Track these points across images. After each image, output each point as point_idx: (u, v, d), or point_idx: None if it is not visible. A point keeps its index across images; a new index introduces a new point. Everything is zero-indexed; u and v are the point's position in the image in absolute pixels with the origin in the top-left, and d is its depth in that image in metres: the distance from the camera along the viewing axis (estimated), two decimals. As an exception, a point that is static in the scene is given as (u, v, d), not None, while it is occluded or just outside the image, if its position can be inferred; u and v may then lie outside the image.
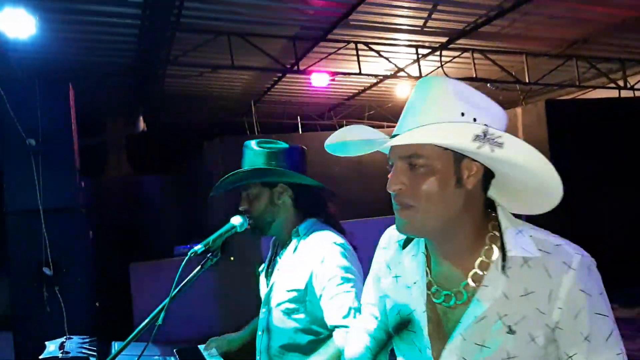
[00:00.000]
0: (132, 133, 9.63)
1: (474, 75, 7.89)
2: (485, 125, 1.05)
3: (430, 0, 6.12)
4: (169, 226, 10.44)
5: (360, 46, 7.29)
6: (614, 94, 8.90)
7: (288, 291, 1.81)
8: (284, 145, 1.95)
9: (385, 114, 10.25)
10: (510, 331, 1.08)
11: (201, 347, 2.39)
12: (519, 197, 1.18)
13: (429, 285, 1.18)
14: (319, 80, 7.96)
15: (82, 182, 4.71)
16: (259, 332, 1.97)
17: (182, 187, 10.95)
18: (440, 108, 1.08)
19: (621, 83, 8.83)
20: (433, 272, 1.19)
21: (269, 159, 1.89)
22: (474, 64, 7.81)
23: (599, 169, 7.77)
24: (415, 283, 1.21)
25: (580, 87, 9.09)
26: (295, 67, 7.43)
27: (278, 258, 1.94)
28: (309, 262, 1.79)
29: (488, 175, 1.14)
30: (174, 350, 2.25)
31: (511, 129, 6.12)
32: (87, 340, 1.83)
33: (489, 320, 1.09)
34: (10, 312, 4.21)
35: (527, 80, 8.21)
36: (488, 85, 9.06)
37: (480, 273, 1.12)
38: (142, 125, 9.37)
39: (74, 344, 1.79)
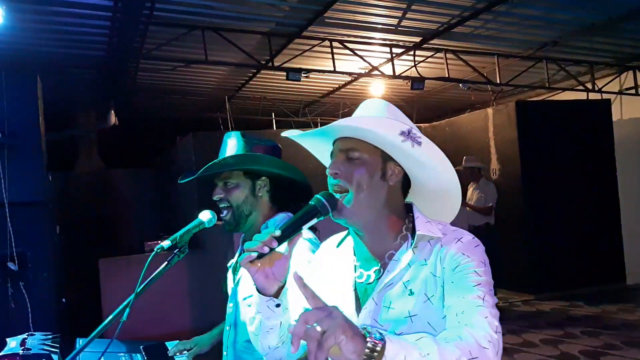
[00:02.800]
0: (104, 127, 9.47)
1: (447, 75, 7.98)
2: (411, 127, 1.28)
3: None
4: (139, 221, 10.34)
5: (335, 44, 7.31)
6: (582, 96, 9.09)
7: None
8: (269, 141, 1.94)
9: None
10: (411, 293, 1.25)
11: (169, 344, 2.37)
12: (429, 204, 1.41)
13: (355, 270, 1.38)
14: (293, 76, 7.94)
15: (50, 175, 4.62)
16: (227, 327, 1.96)
17: (153, 182, 10.85)
18: (376, 112, 1.34)
19: (589, 85, 9.03)
20: (358, 259, 1.39)
21: (256, 150, 1.88)
22: (447, 64, 7.89)
23: (567, 168, 7.94)
24: (344, 270, 1.40)
25: (549, 89, 9.26)
26: (270, 64, 7.41)
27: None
28: None
29: (406, 183, 1.37)
30: (141, 347, 2.23)
31: (482, 129, 6.26)
32: (49, 336, 1.80)
33: (394, 285, 1.28)
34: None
35: (498, 81, 8.33)
36: (460, 85, 9.18)
37: (394, 252, 1.32)
38: (113, 119, 9.22)
39: (36, 340, 1.76)
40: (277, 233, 1.20)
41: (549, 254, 7.76)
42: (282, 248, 1.23)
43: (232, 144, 1.91)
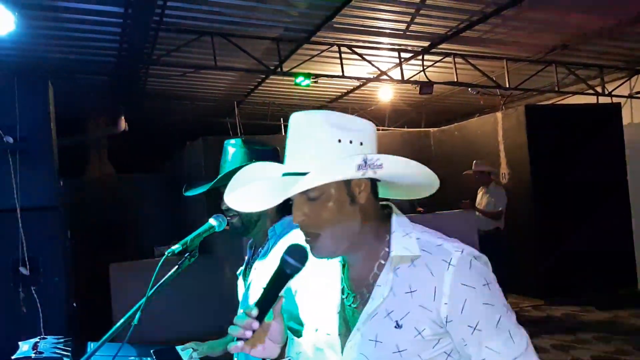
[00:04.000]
0: (114, 133, 9.54)
1: (456, 80, 7.97)
2: (362, 152, 1.16)
3: (413, 4, 6.16)
4: (150, 226, 10.39)
5: (343, 49, 7.33)
6: (592, 100, 9.04)
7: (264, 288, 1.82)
8: (268, 146, 1.95)
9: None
10: (398, 326, 1.17)
11: (179, 347, 2.38)
12: (402, 189, 1.30)
13: (342, 291, 1.29)
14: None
15: (61, 181, 4.66)
16: None
17: (163, 187, 10.89)
18: (318, 142, 1.18)
19: (599, 89, 8.98)
20: (345, 279, 1.29)
21: (257, 156, 1.89)
22: (456, 68, 7.88)
23: (577, 172, 7.89)
24: (331, 290, 1.32)
25: (559, 93, 9.21)
26: (279, 69, 7.44)
27: (256, 258, 1.94)
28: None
29: (374, 184, 1.25)
30: (151, 351, 2.24)
31: (491, 133, 6.24)
32: (61, 340, 1.81)
33: (380, 316, 1.19)
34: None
35: (507, 85, 8.30)
36: (469, 89, 9.16)
37: (378, 273, 1.22)
38: (123, 124, 9.29)
39: (48, 344, 1.77)
40: (254, 313, 1.13)
41: (559, 259, 7.71)
42: (266, 321, 1.17)
43: (233, 152, 1.93)
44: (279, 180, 1.25)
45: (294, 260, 1.18)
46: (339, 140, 1.17)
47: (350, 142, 1.17)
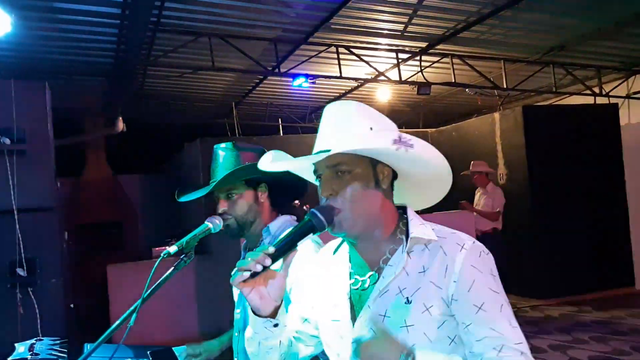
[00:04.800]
0: (112, 133, 9.53)
1: (453, 80, 7.98)
2: (400, 133, 1.26)
3: (410, 5, 6.17)
4: (147, 227, 10.38)
5: (341, 50, 7.33)
6: (589, 100, 9.06)
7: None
8: (258, 147, 1.96)
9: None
10: (408, 301, 1.22)
11: (176, 349, 2.38)
12: (415, 193, 1.39)
13: (350, 277, 1.35)
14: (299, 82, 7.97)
15: (59, 182, 4.66)
16: (235, 333, 1.97)
17: (161, 188, 10.88)
18: (353, 125, 1.28)
19: (597, 90, 8.99)
20: (353, 266, 1.35)
21: (247, 156, 1.90)
22: (453, 69, 7.89)
23: (574, 173, 7.90)
24: (339, 278, 1.37)
25: (556, 94, 9.23)
26: (277, 70, 7.44)
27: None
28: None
29: (393, 177, 1.34)
30: (148, 352, 2.24)
31: (489, 134, 6.24)
32: (57, 341, 1.81)
33: (391, 292, 1.25)
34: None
35: (504, 86, 8.31)
36: (467, 90, 9.17)
37: (390, 257, 1.29)
38: (121, 125, 9.28)
39: (44, 345, 1.77)
40: (271, 250, 1.16)
41: (556, 259, 7.72)
42: (277, 266, 1.20)
43: (224, 155, 1.94)
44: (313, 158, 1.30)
45: (322, 215, 1.23)
46: (371, 128, 1.28)
47: (399, 137, 1.25)
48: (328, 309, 1.36)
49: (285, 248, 1.19)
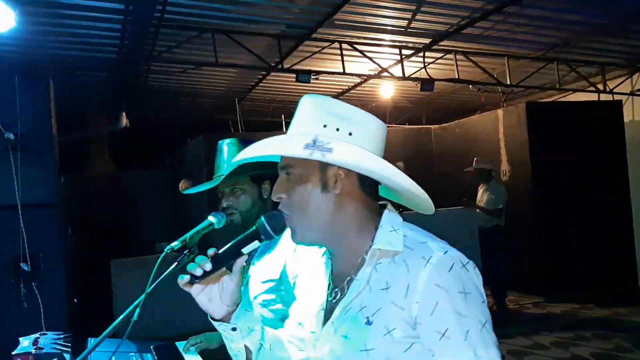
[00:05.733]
0: (115, 129, 9.54)
1: (457, 77, 7.96)
2: (317, 135, 1.12)
3: (414, 1, 6.16)
4: (150, 222, 10.40)
5: (344, 46, 7.32)
6: (593, 97, 9.03)
7: (263, 282, 1.83)
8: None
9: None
10: (368, 322, 1.10)
11: (179, 344, 2.40)
12: (406, 198, 1.26)
13: (328, 287, 1.25)
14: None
15: (62, 177, 4.67)
16: None
17: (164, 183, 10.90)
18: (304, 123, 1.18)
19: (601, 87, 8.97)
20: (333, 273, 1.25)
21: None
22: (457, 65, 7.88)
23: (577, 170, 7.89)
24: (319, 286, 1.28)
25: (560, 90, 9.21)
26: (280, 66, 7.44)
27: (254, 254, 1.95)
28: (282, 252, 1.81)
29: (364, 178, 1.18)
30: (151, 347, 2.25)
31: (492, 131, 6.23)
32: (61, 336, 1.83)
33: (353, 311, 1.14)
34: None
35: (508, 83, 8.30)
36: (470, 87, 9.15)
37: (360, 268, 1.18)
38: (124, 121, 9.29)
39: (48, 339, 1.78)
40: (211, 253, 1.16)
41: (559, 256, 7.72)
42: (221, 272, 1.19)
43: (228, 150, 1.96)
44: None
45: (269, 224, 1.19)
46: (324, 125, 1.15)
47: (337, 129, 1.15)
48: (305, 315, 1.28)
49: (227, 254, 1.18)
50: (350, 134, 1.15)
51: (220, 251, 1.17)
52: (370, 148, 1.16)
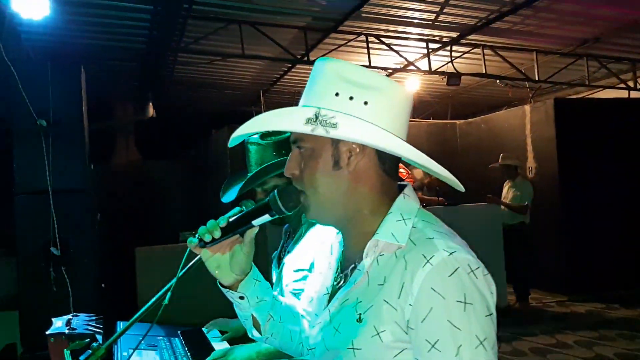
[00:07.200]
0: (142, 119, 9.67)
1: (484, 71, 7.88)
2: (319, 107, 1.03)
3: (442, -6, 6.12)
4: (174, 211, 10.53)
5: (370, 39, 7.29)
6: (623, 94, 8.86)
7: (295, 271, 1.85)
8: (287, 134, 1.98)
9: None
10: (359, 319, 1.02)
11: (204, 329, 2.43)
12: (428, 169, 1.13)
13: (336, 269, 1.18)
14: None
15: (92, 164, 4.76)
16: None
17: (188, 173, 11.02)
18: (317, 91, 1.07)
19: (631, 84, 8.80)
20: (343, 256, 1.18)
21: (279, 150, 1.92)
22: (484, 60, 7.80)
23: (605, 168, 7.76)
24: (329, 267, 1.22)
25: (589, 87, 9.06)
26: (306, 58, 7.44)
27: (290, 242, 1.98)
28: (313, 242, 1.83)
29: (383, 154, 1.08)
30: (179, 332, 2.29)
31: (519, 127, 6.12)
32: (93, 318, 1.87)
33: (349, 302, 1.06)
34: (17, 290, 4.27)
35: (536, 78, 8.19)
36: (497, 81, 9.05)
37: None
38: (151, 111, 9.40)
39: (80, 321, 1.82)
40: (223, 223, 1.12)
41: (584, 255, 7.61)
42: (233, 240, 1.16)
43: (258, 150, 1.97)
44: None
45: (281, 200, 1.13)
46: (336, 94, 1.04)
47: (351, 98, 1.04)
48: (312, 302, 1.23)
49: (236, 223, 1.14)
50: (365, 102, 1.04)
51: (231, 219, 1.14)
52: (389, 119, 1.05)
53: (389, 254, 1.03)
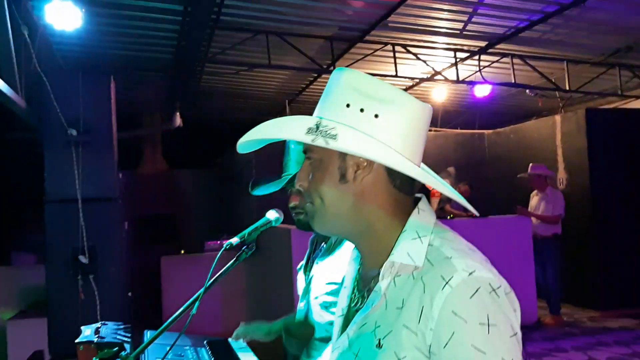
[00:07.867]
0: (169, 128, 9.79)
1: (513, 81, 7.77)
2: (322, 118, 1.03)
3: (470, 3, 6.05)
4: (200, 220, 10.61)
5: (397, 48, 7.26)
6: (657, 104, 8.66)
7: (327, 284, 1.82)
8: None
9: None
10: (379, 345, 0.98)
11: (231, 340, 2.41)
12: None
13: (353, 289, 1.14)
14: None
15: (120, 173, 4.81)
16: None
17: (214, 183, 11.11)
18: (329, 101, 1.06)
19: (665, 94, 8.59)
20: (359, 273, 1.14)
21: None
22: (513, 69, 7.69)
23: (639, 180, 7.57)
24: (346, 287, 1.18)
25: (622, 97, 8.86)
26: (332, 68, 7.44)
27: (318, 252, 1.95)
28: (346, 255, 1.80)
29: (392, 170, 1.03)
30: (205, 342, 2.27)
31: (549, 137, 6.00)
32: (121, 326, 1.87)
33: (368, 327, 1.01)
34: (46, 297, 4.32)
35: (567, 88, 8.04)
36: (527, 91, 8.92)
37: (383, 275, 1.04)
38: (178, 120, 9.51)
39: (109, 329, 1.82)
40: None
41: (617, 269, 7.41)
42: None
43: (295, 149, 1.96)
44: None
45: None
46: (347, 105, 1.02)
47: (362, 110, 1.01)
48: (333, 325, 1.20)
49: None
50: (376, 115, 1.01)
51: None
52: (400, 133, 1.01)
53: (406, 275, 0.99)
